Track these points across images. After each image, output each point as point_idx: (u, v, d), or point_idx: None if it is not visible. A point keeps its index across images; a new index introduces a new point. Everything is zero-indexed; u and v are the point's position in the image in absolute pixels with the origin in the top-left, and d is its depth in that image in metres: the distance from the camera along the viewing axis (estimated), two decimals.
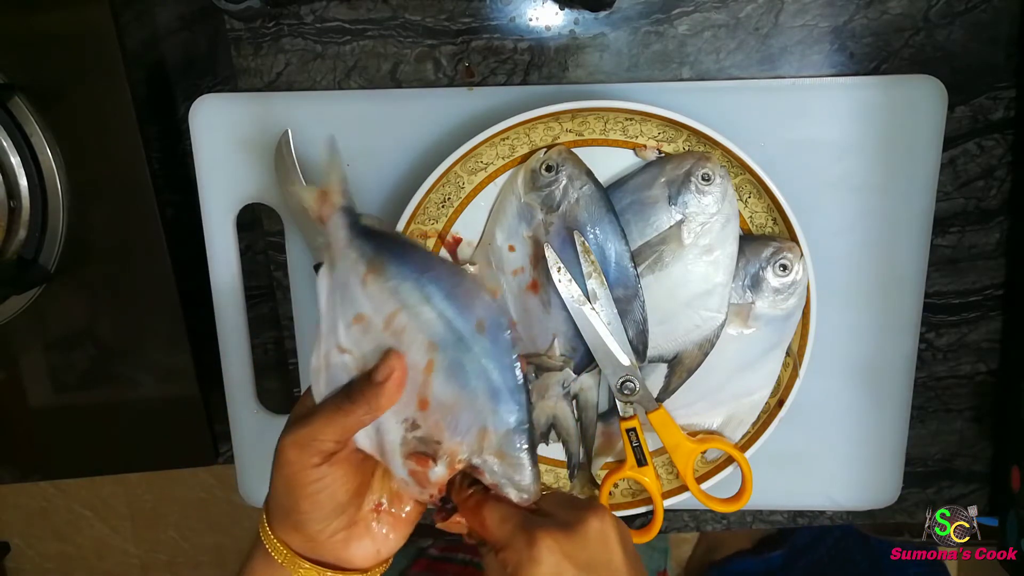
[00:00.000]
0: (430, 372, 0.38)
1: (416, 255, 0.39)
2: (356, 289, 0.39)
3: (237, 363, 0.61)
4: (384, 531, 0.42)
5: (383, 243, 0.39)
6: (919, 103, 0.56)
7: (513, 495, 0.39)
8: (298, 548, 0.41)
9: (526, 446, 0.39)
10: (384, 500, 0.43)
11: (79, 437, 0.69)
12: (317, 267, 0.58)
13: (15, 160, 0.61)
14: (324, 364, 0.41)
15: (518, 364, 0.39)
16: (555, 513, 0.39)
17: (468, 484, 0.41)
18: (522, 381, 0.39)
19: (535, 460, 0.39)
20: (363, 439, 0.41)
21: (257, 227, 0.63)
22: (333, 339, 0.40)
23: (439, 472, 0.39)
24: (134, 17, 0.63)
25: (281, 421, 0.62)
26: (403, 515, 0.43)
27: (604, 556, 0.37)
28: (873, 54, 0.57)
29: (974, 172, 0.59)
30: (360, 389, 0.39)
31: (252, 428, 0.63)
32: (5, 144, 0.61)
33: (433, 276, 0.39)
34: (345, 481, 0.40)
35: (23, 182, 0.61)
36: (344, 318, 0.40)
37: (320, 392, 0.41)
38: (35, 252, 0.63)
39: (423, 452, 0.39)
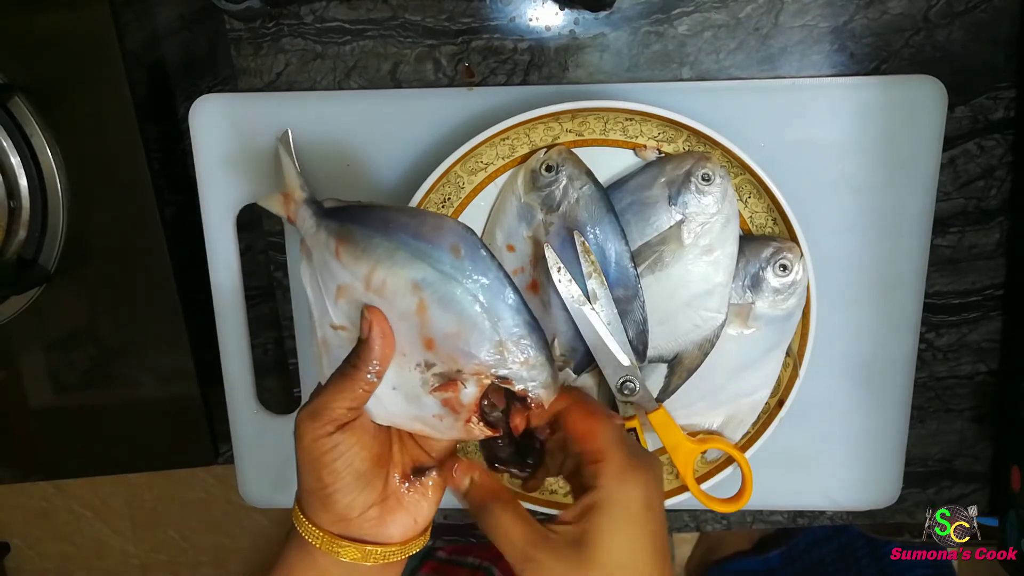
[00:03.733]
0: (424, 312, 0.39)
1: (375, 213, 0.40)
2: (333, 265, 0.40)
3: (237, 363, 0.61)
4: (416, 500, 0.43)
5: (345, 215, 0.41)
6: (919, 103, 0.56)
7: (542, 394, 0.40)
8: (333, 529, 0.41)
9: (541, 342, 0.39)
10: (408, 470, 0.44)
11: (79, 437, 0.69)
12: None
13: (15, 160, 0.61)
14: (324, 348, 0.42)
15: (504, 273, 0.39)
16: (635, 446, 0.41)
17: (490, 404, 0.41)
18: (514, 287, 0.39)
19: (552, 356, 0.40)
20: (378, 410, 0.41)
21: (257, 227, 0.63)
22: (326, 320, 0.41)
23: (470, 392, 0.40)
24: (134, 17, 0.63)
25: (281, 421, 0.62)
26: (429, 481, 0.43)
27: (662, 495, 0.40)
28: (873, 54, 0.57)
29: (974, 172, 0.59)
30: (357, 352, 0.40)
31: (252, 428, 0.63)
32: (5, 144, 0.61)
33: (397, 225, 0.39)
34: (360, 449, 0.40)
35: (23, 182, 0.61)
36: (329, 297, 0.41)
37: (324, 374, 0.42)
38: (35, 252, 0.63)
39: (449, 379, 0.40)
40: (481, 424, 0.41)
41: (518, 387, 0.40)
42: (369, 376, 0.39)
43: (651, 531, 0.38)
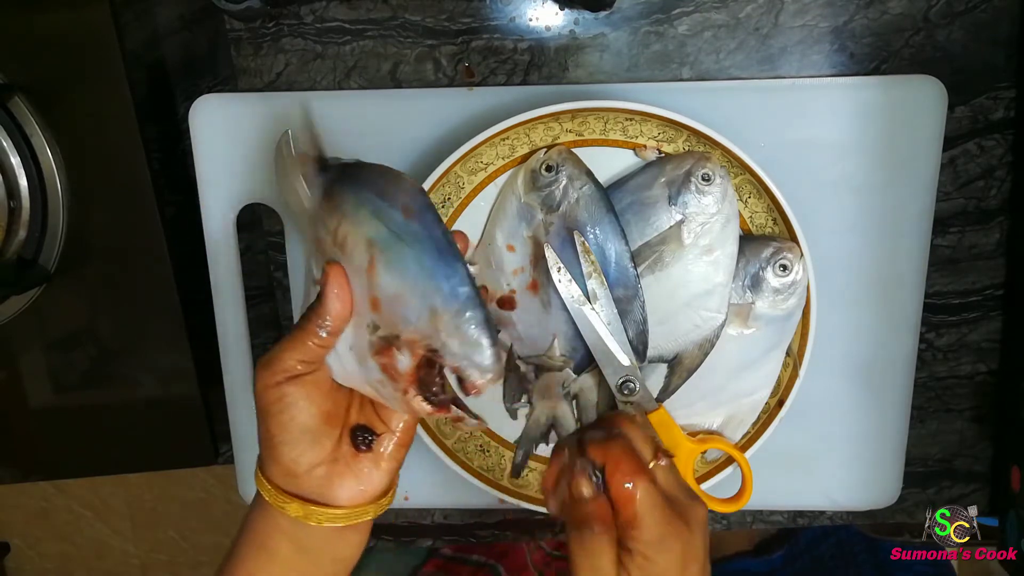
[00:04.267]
0: (372, 270, 0.38)
1: (354, 169, 0.41)
2: (317, 219, 0.40)
3: (237, 363, 0.61)
4: (367, 467, 0.42)
5: (335, 171, 0.41)
6: (919, 103, 0.56)
7: (476, 376, 0.38)
8: (282, 483, 0.41)
9: (479, 319, 0.37)
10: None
11: (79, 437, 0.69)
12: None
13: (15, 160, 0.61)
14: (307, 302, 0.41)
15: (451, 241, 0.38)
16: (679, 498, 0.40)
17: (429, 384, 0.39)
18: (460, 258, 0.38)
19: (493, 337, 0.38)
20: (337, 368, 0.41)
21: (257, 227, 0.63)
22: (311, 276, 0.41)
23: (404, 362, 0.39)
24: (134, 17, 0.63)
25: None
26: (383, 450, 0.42)
27: (704, 542, 0.40)
28: (873, 54, 0.57)
29: (974, 172, 0.59)
30: (311, 306, 0.39)
31: (252, 428, 0.62)
32: (5, 144, 0.61)
33: (364, 181, 0.39)
34: (309, 404, 0.40)
35: (23, 182, 0.61)
36: (313, 252, 0.41)
37: None
38: (35, 252, 0.63)
39: (387, 344, 0.39)
40: (420, 399, 0.39)
41: (450, 363, 0.38)
42: (320, 331, 0.39)
43: None
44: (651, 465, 0.40)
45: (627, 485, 0.38)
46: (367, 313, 0.39)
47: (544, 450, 0.57)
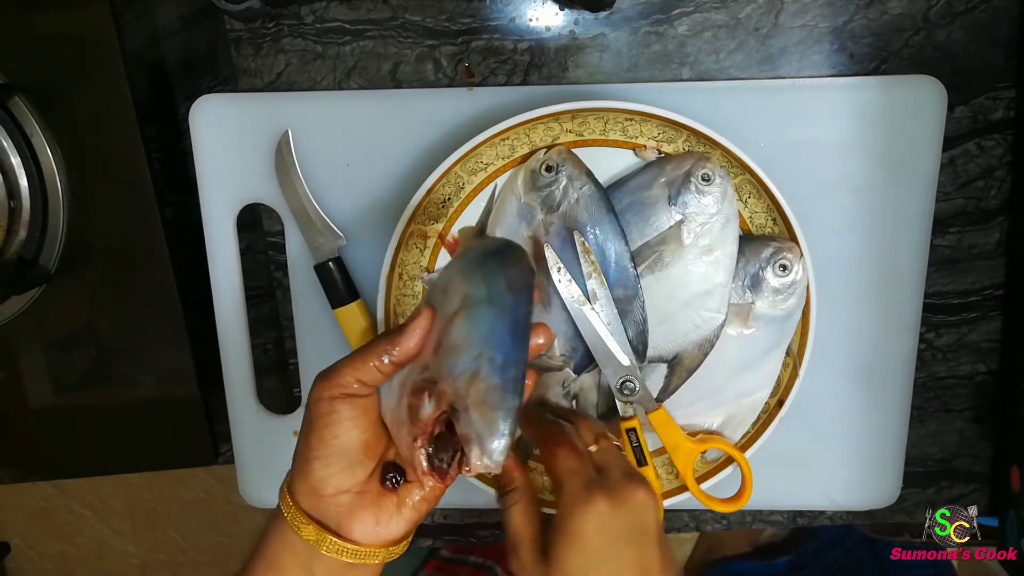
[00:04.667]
0: (453, 320, 0.40)
1: (495, 243, 0.45)
2: (451, 270, 0.44)
3: (237, 363, 0.61)
4: (390, 509, 0.42)
5: (483, 241, 0.46)
6: (919, 103, 0.56)
7: (475, 456, 0.37)
8: (304, 502, 0.41)
9: (509, 406, 0.37)
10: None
11: (79, 437, 0.69)
12: (317, 267, 0.58)
13: (15, 160, 0.61)
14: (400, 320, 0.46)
15: (529, 322, 0.39)
16: (612, 474, 0.43)
17: (440, 447, 0.40)
18: (526, 342, 0.39)
19: (512, 432, 0.37)
20: (384, 399, 0.41)
21: (257, 227, 0.63)
22: (418, 307, 0.44)
23: (427, 410, 0.39)
24: (134, 17, 0.63)
25: (281, 421, 0.62)
26: (408, 499, 0.43)
27: (641, 524, 0.41)
28: (873, 54, 0.57)
29: (974, 172, 0.59)
30: (386, 332, 0.41)
31: (252, 428, 0.63)
32: (5, 144, 0.61)
33: (495, 253, 0.43)
34: (354, 426, 0.40)
35: (23, 182, 0.61)
36: (431, 290, 0.45)
37: None
38: (35, 252, 0.63)
39: (424, 386, 0.39)
40: (423, 453, 0.39)
41: (462, 429, 0.37)
42: (385, 357, 0.40)
43: (609, 557, 0.39)
44: (591, 448, 0.45)
45: (552, 456, 0.44)
46: (428, 354, 0.40)
47: None
